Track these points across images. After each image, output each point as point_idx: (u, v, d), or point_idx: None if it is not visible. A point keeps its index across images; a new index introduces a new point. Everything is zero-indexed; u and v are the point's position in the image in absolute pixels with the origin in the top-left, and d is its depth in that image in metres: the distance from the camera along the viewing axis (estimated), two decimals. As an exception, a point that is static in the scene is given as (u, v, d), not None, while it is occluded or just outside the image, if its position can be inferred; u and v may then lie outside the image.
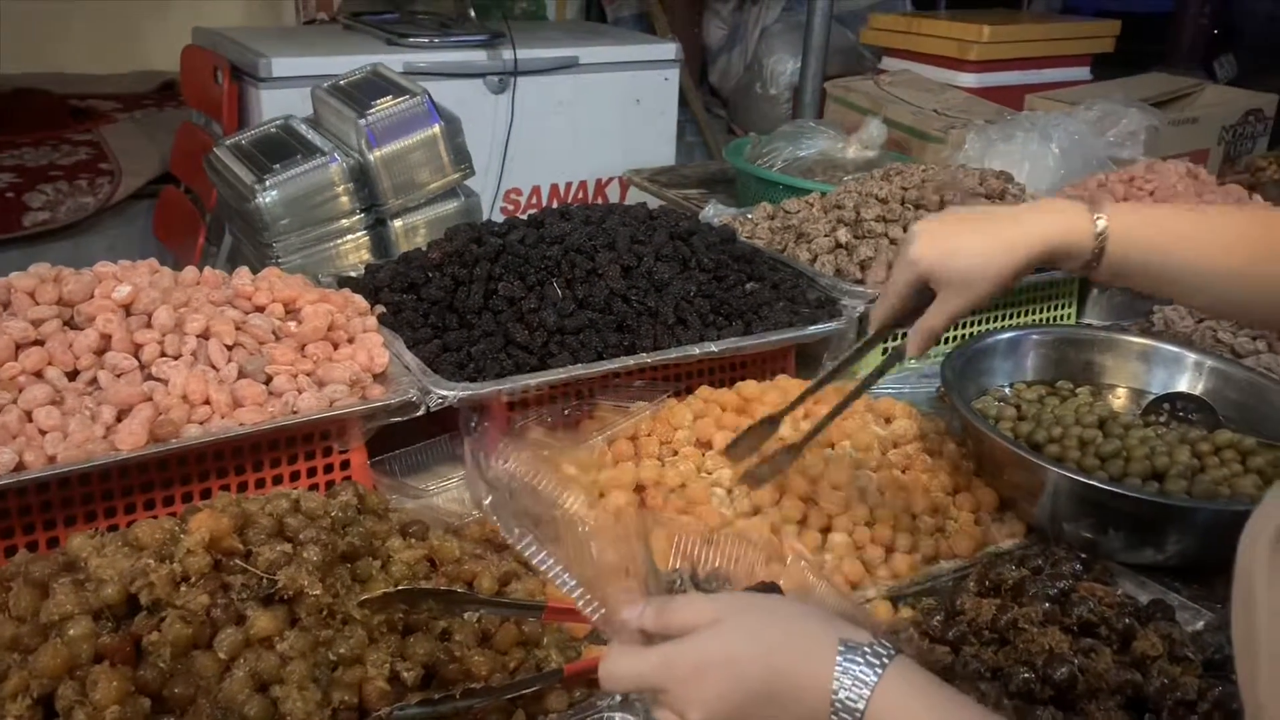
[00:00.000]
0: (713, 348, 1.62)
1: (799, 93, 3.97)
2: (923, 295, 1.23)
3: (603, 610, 0.87)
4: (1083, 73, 4.02)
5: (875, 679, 0.74)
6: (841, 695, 0.74)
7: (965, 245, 1.18)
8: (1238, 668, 0.65)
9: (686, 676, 0.78)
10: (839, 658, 0.75)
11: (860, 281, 1.84)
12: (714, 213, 2.23)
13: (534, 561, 0.90)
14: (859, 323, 1.80)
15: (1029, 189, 2.25)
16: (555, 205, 3.24)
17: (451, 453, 1.56)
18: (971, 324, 1.98)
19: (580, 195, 3.81)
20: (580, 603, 0.89)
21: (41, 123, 3.75)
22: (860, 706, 0.74)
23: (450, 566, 1.22)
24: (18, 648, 0.99)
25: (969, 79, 3.78)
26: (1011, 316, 2.07)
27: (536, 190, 3.71)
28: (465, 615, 1.15)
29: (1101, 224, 1.17)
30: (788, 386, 1.62)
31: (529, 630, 1.17)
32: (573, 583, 0.89)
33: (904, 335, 1.27)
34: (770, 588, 1.03)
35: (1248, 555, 0.64)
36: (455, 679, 1.08)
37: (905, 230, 1.93)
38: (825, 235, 1.94)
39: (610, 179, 3.79)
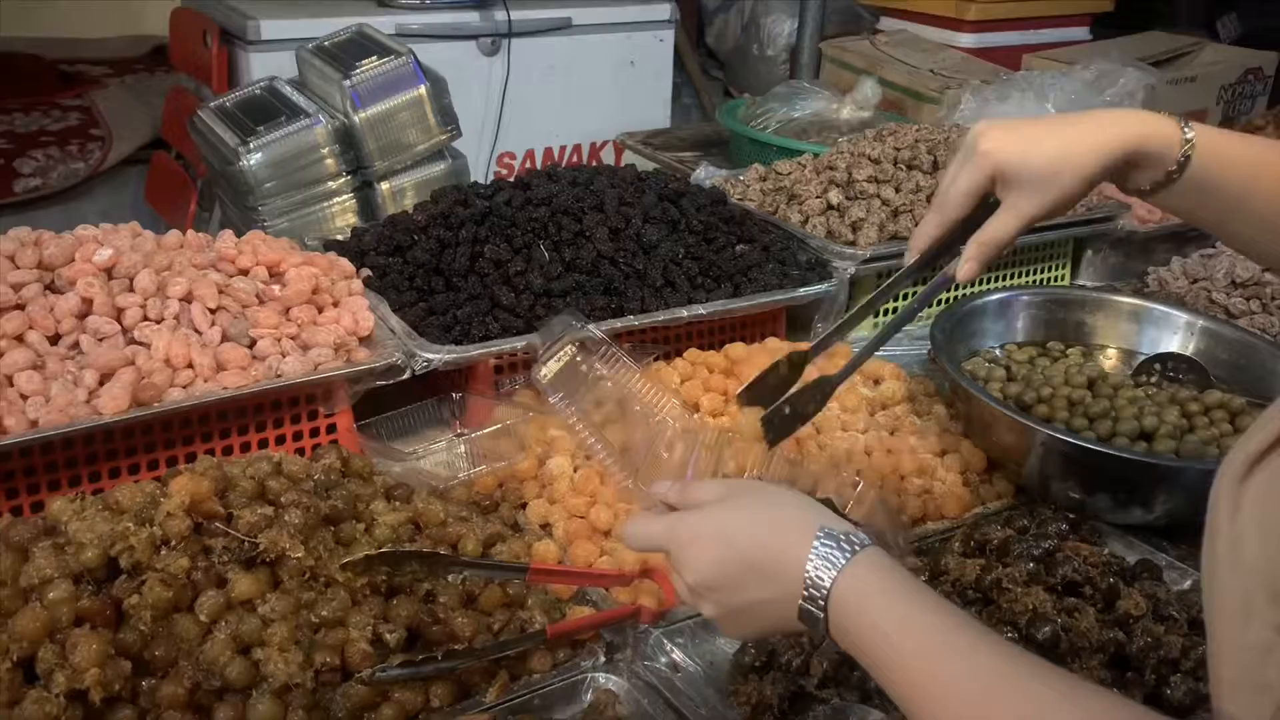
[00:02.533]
0: (701, 310, 1.61)
1: (796, 53, 3.92)
2: (981, 207, 1.09)
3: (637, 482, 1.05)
4: (1082, 32, 3.98)
5: (844, 561, 0.80)
6: (812, 572, 0.81)
7: (1044, 138, 1.05)
8: (1203, 603, 0.66)
9: (685, 542, 0.88)
10: (815, 541, 0.82)
11: (852, 243, 1.82)
12: (705, 175, 2.21)
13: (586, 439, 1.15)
14: (850, 285, 1.78)
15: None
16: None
17: (438, 416, 1.55)
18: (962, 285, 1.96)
19: (574, 158, 3.77)
20: (620, 475, 1.10)
21: (31, 88, 3.71)
22: (827, 584, 0.80)
23: (435, 529, 1.22)
24: (-3, 611, 0.99)
25: (967, 39, 3.74)
26: (1004, 279, 2.06)
27: (530, 154, 3.67)
28: (449, 577, 1.15)
29: (1190, 133, 1.06)
30: (777, 349, 1.61)
31: (514, 592, 1.17)
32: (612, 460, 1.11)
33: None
34: (825, 502, 1.05)
35: (1216, 491, 0.65)
36: (439, 640, 1.08)
37: (897, 190, 1.92)
38: (817, 197, 1.92)
39: (605, 142, 3.76)
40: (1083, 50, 3.30)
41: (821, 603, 0.80)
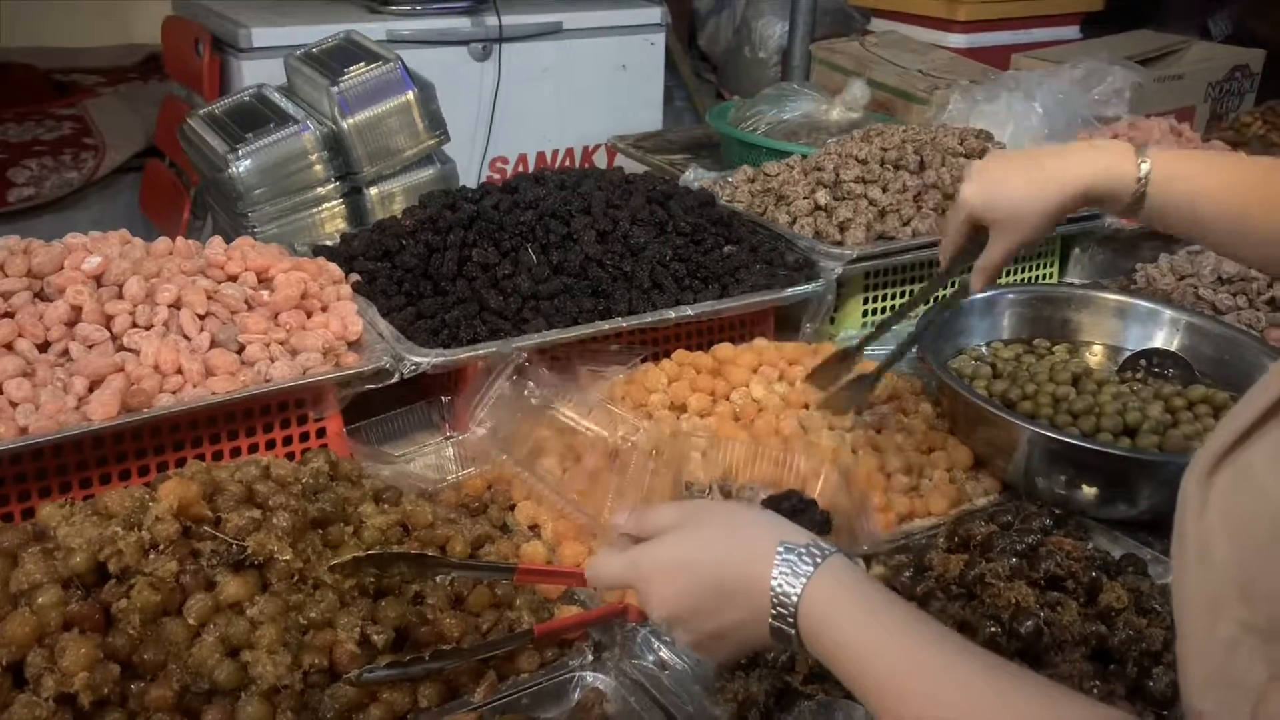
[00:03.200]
0: (688, 311, 1.62)
1: (787, 55, 3.93)
2: (980, 233, 1.31)
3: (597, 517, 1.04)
4: (1072, 31, 3.99)
5: (810, 571, 0.80)
6: (778, 588, 0.80)
7: (1009, 186, 1.24)
8: (1173, 600, 0.67)
9: (649, 577, 0.88)
10: (777, 556, 0.81)
11: (839, 243, 1.83)
12: (694, 177, 2.22)
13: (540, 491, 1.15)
14: (837, 285, 1.79)
15: (1010, 149, 2.24)
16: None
17: (428, 419, 1.56)
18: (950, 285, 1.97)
19: (567, 162, 3.78)
20: (580, 516, 1.09)
21: (24, 97, 3.72)
22: (794, 597, 0.80)
23: (423, 531, 1.23)
24: (-13, 616, 0.99)
25: (958, 39, 3.75)
26: (994, 276, 2.06)
27: (523, 158, 3.68)
28: (437, 578, 1.15)
29: (1145, 167, 1.19)
30: (764, 349, 1.62)
31: (502, 593, 1.17)
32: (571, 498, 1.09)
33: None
34: (792, 494, 1.21)
35: (1184, 489, 0.65)
36: (427, 641, 1.09)
37: (884, 190, 1.93)
38: (804, 198, 1.93)
39: (597, 146, 3.76)
40: (1071, 49, 3.32)
41: (790, 619, 0.80)
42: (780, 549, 0.81)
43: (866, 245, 1.83)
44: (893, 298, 1.92)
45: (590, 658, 1.12)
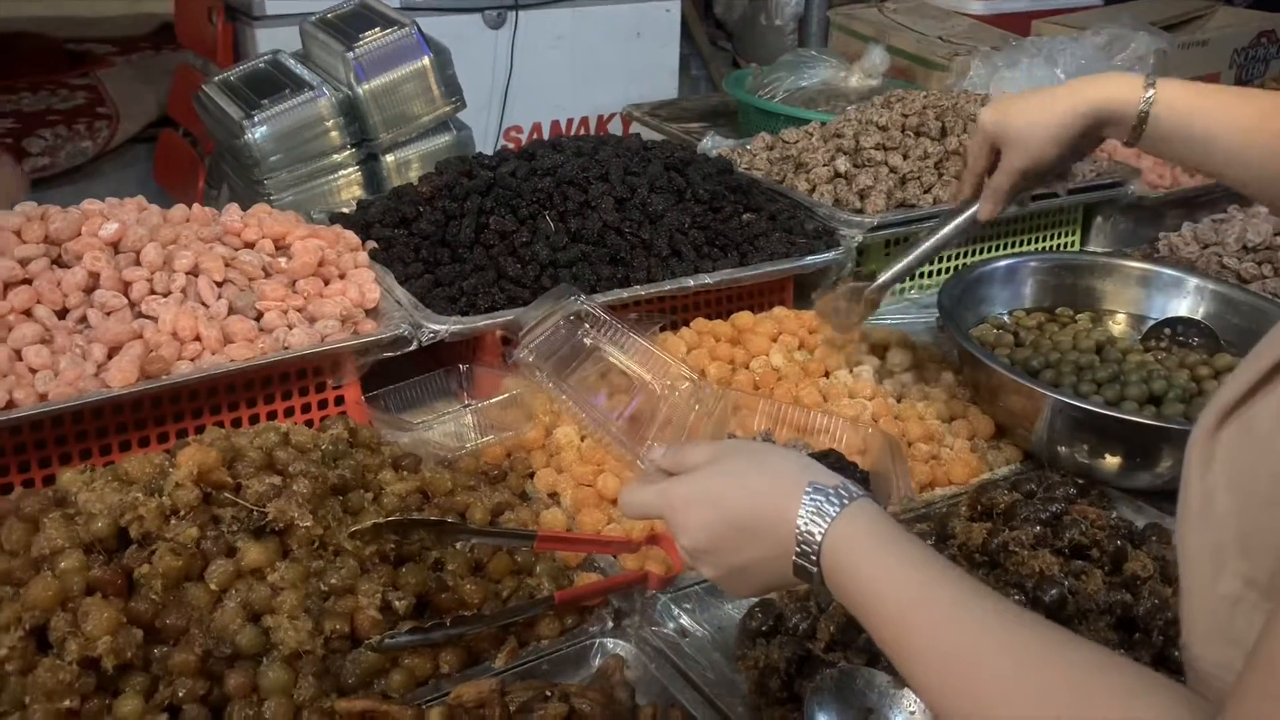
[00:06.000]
0: (707, 279, 1.61)
1: (804, 22, 3.90)
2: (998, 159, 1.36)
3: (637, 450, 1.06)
4: (1094, -3, 3.93)
5: (835, 513, 0.81)
6: (803, 526, 0.81)
7: (1023, 106, 1.32)
8: (1177, 555, 0.67)
9: (678, 507, 0.89)
10: (805, 496, 0.82)
11: (859, 210, 1.81)
12: (711, 144, 2.20)
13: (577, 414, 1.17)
14: (857, 253, 1.78)
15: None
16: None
17: (446, 387, 1.56)
18: (970, 253, 1.96)
19: (582, 131, 3.75)
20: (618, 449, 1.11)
21: (38, 67, 3.71)
22: (818, 537, 0.80)
23: (443, 498, 1.23)
24: (10, 581, 1.00)
25: (977, 5, 3.70)
26: (1013, 245, 2.04)
27: (537, 127, 3.66)
28: (457, 545, 1.15)
29: (1150, 93, 1.25)
30: (784, 317, 1.61)
31: (521, 559, 1.17)
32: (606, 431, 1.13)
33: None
34: (831, 453, 1.23)
35: (1190, 445, 0.65)
36: (448, 608, 1.09)
37: (905, 157, 1.91)
38: (824, 165, 1.91)
39: (612, 114, 3.73)
40: (1093, 15, 3.27)
41: (814, 557, 0.81)
42: (808, 489, 0.82)
43: (887, 213, 1.81)
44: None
45: (610, 624, 1.12)
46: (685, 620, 1.13)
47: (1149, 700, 0.62)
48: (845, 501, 0.81)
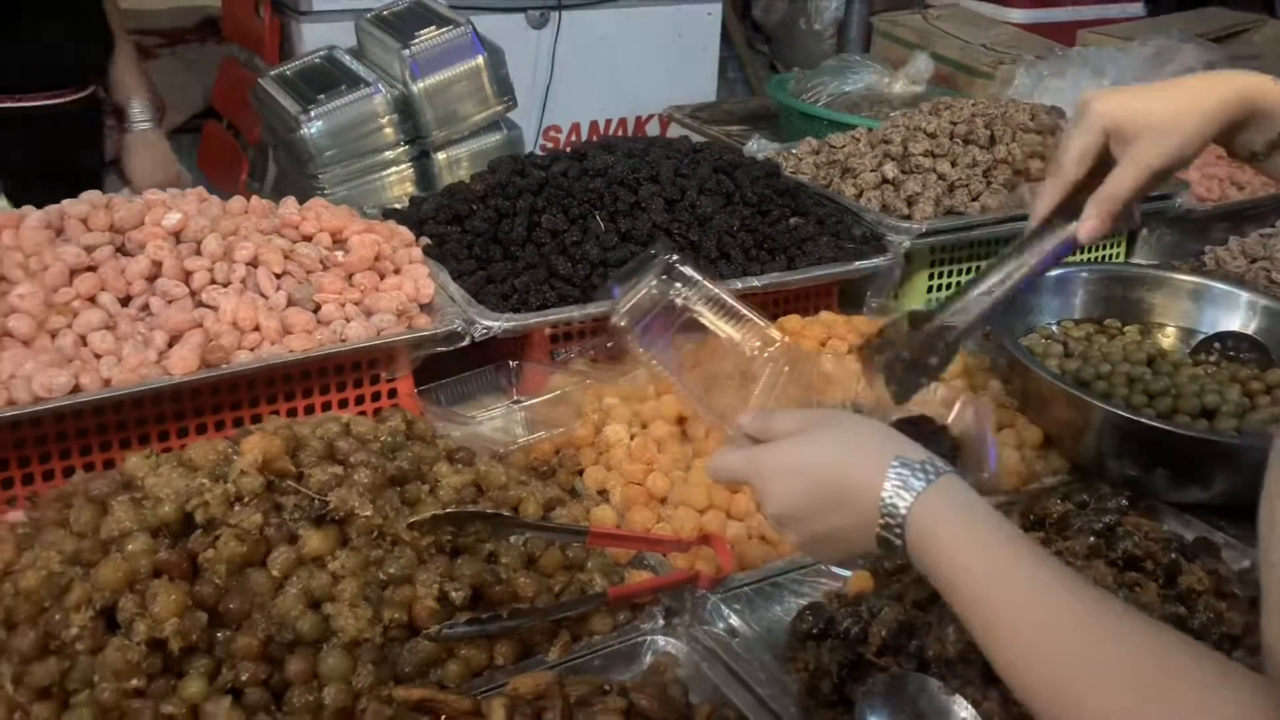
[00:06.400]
0: (755, 282, 1.61)
1: (844, 28, 3.91)
2: (1098, 173, 1.09)
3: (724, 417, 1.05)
4: (1137, 8, 3.92)
5: (921, 487, 0.82)
6: (888, 499, 0.82)
7: (1156, 94, 1.07)
8: (1260, 563, 0.67)
9: (765, 475, 0.91)
10: (891, 469, 0.83)
11: (907, 217, 1.82)
12: (757, 148, 2.21)
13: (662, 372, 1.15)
14: (905, 259, 1.78)
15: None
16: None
17: (495, 383, 1.57)
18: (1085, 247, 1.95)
19: (620, 133, 3.77)
20: (706, 414, 1.10)
21: (85, 58, 3.74)
22: (903, 510, 0.82)
23: (496, 492, 1.24)
24: (78, 561, 1.01)
25: (1018, 14, 3.70)
26: (1059, 256, 2.03)
27: (576, 127, 3.68)
28: (511, 539, 1.16)
29: None
30: (833, 322, 1.61)
31: (573, 555, 1.18)
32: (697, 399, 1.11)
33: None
34: (922, 419, 1.12)
35: (1272, 459, 0.66)
36: (502, 600, 1.10)
37: (953, 164, 1.90)
38: (871, 170, 1.91)
39: (650, 116, 3.75)
40: (1139, 26, 3.25)
41: (898, 529, 0.82)
42: (895, 462, 0.83)
43: (936, 219, 1.81)
44: (959, 274, 1.90)
45: (661, 622, 1.13)
46: (735, 620, 1.14)
47: (1234, 684, 0.64)
48: (931, 477, 0.82)
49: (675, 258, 1.15)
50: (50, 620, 0.97)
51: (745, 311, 1.14)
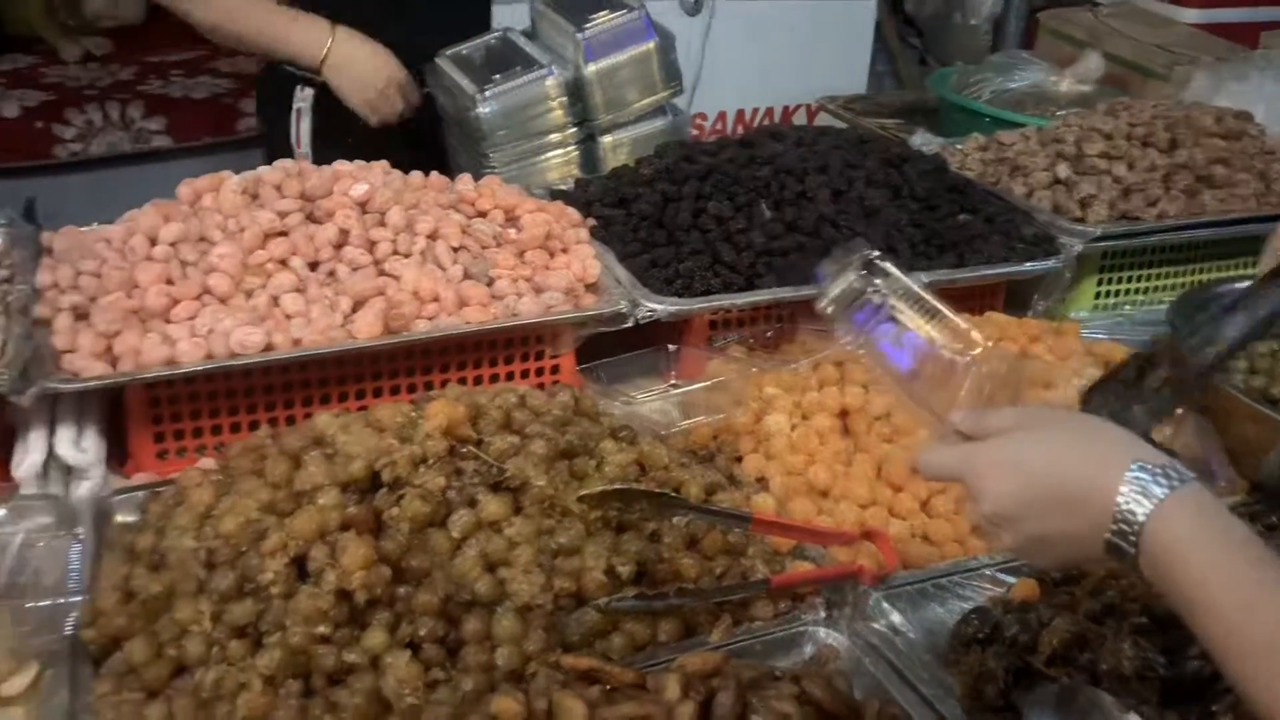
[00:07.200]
0: (923, 278, 1.58)
1: (1001, 23, 3.80)
2: None
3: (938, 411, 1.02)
4: (1323, 10, 3.69)
5: (1163, 495, 0.76)
6: (1124, 505, 0.77)
7: None
8: None
9: (981, 472, 0.87)
10: (1129, 473, 0.78)
11: (1080, 219, 1.76)
12: (922, 142, 2.17)
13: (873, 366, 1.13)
14: (1077, 262, 1.72)
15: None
16: (741, 130, 3.20)
17: (653, 366, 1.59)
18: (1202, 271, 1.88)
19: (765, 121, 3.75)
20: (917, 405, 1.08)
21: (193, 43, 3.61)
22: (1140, 518, 0.76)
23: (658, 472, 1.25)
24: (273, 511, 1.07)
25: (1193, 14, 3.52)
26: (1230, 268, 1.94)
27: (722, 116, 3.67)
28: (674, 519, 1.17)
29: None
30: (1003, 323, 1.58)
31: (734, 540, 1.19)
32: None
33: None
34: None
35: None
36: (665, 579, 1.11)
37: (1130, 167, 1.84)
38: (1043, 170, 1.86)
39: (798, 106, 3.72)
40: (1330, 29, 3.07)
41: (1133, 538, 0.77)
42: (1134, 466, 0.78)
43: (1110, 224, 1.75)
44: (1130, 281, 1.84)
45: (823, 614, 1.13)
46: (896, 618, 1.13)
47: None
48: (1175, 484, 0.77)
49: (875, 253, 1.15)
50: (247, 564, 1.02)
51: (947, 313, 1.12)
